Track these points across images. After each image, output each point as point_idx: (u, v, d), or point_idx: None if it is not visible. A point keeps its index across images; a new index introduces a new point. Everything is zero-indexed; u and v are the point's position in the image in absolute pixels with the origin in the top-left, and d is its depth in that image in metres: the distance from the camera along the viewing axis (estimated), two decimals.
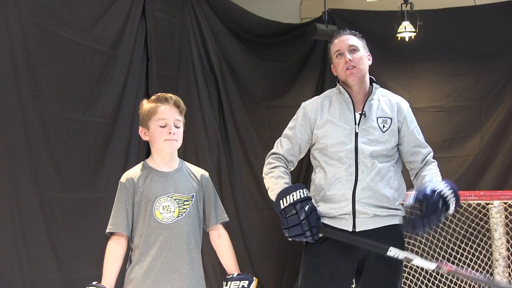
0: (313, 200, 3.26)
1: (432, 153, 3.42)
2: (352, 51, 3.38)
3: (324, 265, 3.28)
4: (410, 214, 3.15)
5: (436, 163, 3.39)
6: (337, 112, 3.38)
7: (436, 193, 3.04)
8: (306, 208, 3.15)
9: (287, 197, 3.19)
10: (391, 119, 3.36)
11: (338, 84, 3.45)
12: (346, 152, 3.28)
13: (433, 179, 3.23)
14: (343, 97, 3.41)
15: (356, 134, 3.31)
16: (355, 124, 3.33)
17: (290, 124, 3.50)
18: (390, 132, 3.34)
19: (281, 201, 3.19)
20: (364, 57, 3.40)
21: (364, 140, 3.30)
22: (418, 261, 3.12)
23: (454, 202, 3.08)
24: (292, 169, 3.50)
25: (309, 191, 3.30)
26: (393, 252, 3.10)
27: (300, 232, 3.15)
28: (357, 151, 3.28)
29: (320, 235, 3.21)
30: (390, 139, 3.33)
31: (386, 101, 3.42)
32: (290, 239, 3.22)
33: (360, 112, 3.35)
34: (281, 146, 3.48)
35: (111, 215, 3.10)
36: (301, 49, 7.62)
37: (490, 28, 7.17)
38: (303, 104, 3.52)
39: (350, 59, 3.34)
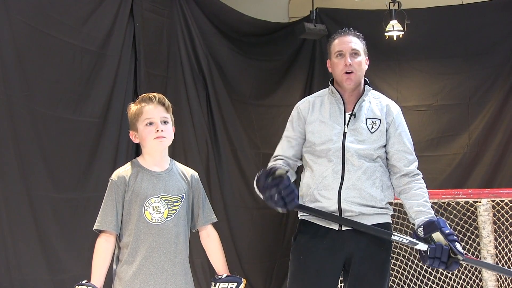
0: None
1: (417, 163, 3.37)
2: (353, 55, 3.37)
3: (311, 262, 3.29)
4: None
5: (421, 176, 3.35)
6: (328, 112, 3.39)
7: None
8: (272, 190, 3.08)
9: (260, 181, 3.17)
10: (380, 120, 3.37)
11: (330, 84, 3.46)
12: (333, 151, 3.29)
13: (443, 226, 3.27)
14: (335, 97, 3.41)
15: (345, 134, 3.32)
16: (344, 124, 3.34)
17: (287, 126, 3.50)
18: (378, 133, 3.34)
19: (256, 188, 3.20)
20: (363, 62, 3.41)
21: (351, 140, 3.31)
22: (421, 246, 3.18)
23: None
24: (299, 165, 3.48)
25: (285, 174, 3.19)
26: (396, 237, 3.19)
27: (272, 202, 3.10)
28: (344, 150, 3.29)
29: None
30: (378, 139, 3.33)
31: (377, 103, 3.43)
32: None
33: (350, 112, 3.36)
34: (280, 147, 3.47)
35: (99, 212, 3.08)
36: (289, 48, 7.63)
37: (478, 26, 7.21)
38: (296, 104, 3.53)
39: (350, 63, 3.34)
